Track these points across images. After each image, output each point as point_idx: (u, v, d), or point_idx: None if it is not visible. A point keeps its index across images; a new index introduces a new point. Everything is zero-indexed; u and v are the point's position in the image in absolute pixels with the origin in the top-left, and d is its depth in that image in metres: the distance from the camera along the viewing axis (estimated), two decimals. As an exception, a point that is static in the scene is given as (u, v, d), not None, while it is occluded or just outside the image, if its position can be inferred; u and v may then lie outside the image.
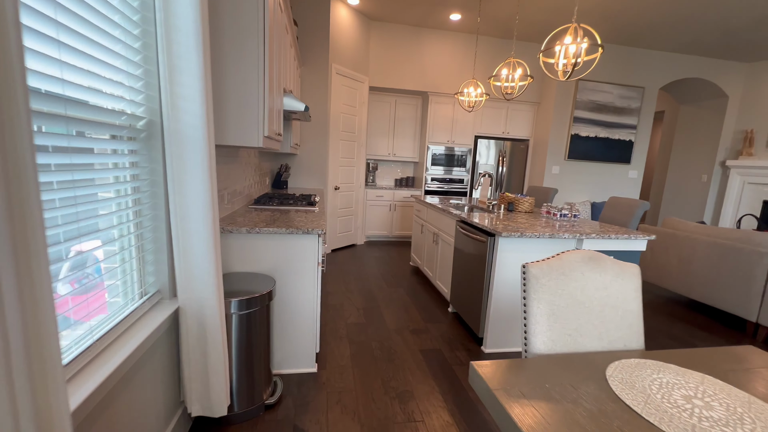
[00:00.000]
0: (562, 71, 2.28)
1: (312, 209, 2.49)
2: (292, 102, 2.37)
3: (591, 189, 5.36)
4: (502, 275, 2.20)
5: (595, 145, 5.17)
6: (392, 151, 5.38)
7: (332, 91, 4.18)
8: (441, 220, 3.11)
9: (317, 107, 4.13)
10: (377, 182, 5.66)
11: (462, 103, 3.84)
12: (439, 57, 4.97)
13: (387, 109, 5.26)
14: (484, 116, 5.24)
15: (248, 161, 2.75)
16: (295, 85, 3.37)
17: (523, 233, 2.07)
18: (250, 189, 2.82)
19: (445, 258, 3.01)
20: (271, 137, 1.89)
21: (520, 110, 5.32)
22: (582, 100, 5.01)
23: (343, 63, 4.28)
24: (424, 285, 3.50)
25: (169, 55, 1.16)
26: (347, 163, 4.61)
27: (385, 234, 5.25)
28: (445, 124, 5.14)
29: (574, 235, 2.14)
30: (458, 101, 4.07)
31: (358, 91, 4.61)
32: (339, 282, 3.45)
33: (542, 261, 1.04)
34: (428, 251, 3.46)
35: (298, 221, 1.98)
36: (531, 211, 3.09)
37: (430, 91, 4.99)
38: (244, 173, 2.61)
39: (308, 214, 2.28)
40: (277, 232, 1.77)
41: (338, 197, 4.52)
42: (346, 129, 4.50)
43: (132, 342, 1.12)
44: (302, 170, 4.24)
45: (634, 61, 5.08)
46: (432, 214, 3.35)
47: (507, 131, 5.34)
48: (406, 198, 5.21)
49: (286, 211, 2.33)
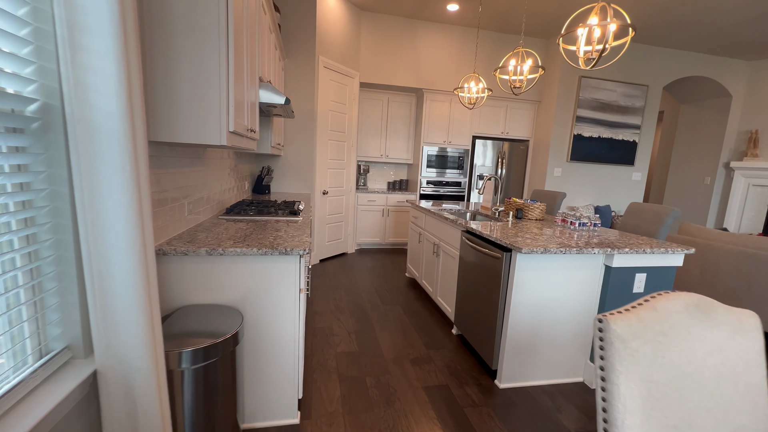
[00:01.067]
0: (584, 58, 1.96)
1: (295, 219, 2.11)
2: (269, 94, 2.00)
3: (594, 192, 5.10)
4: (521, 297, 1.86)
5: (599, 146, 4.92)
6: (385, 153, 5.03)
7: (319, 86, 3.81)
8: (443, 230, 2.76)
9: (303, 103, 3.75)
10: (369, 185, 5.30)
11: (462, 99, 3.52)
12: (435, 52, 4.65)
13: (379, 107, 4.91)
14: (483, 115, 4.93)
15: (221, 163, 2.36)
16: (276, 77, 2.99)
17: (546, 248, 1.74)
18: (223, 195, 2.43)
19: (447, 272, 2.66)
20: (240, 134, 1.52)
21: (520, 109, 5.04)
22: (585, 98, 4.75)
23: (331, 56, 3.92)
24: (423, 301, 3.14)
25: (67, 6, 0.78)
26: (336, 165, 4.24)
27: (378, 241, 4.89)
28: (442, 123, 4.82)
29: (603, 250, 1.81)
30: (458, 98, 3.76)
31: (348, 87, 4.25)
32: (328, 299, 3.07)
33: (627, 312, 0.70)
34: (427, 263, 3.11)
35: (276, 237, 1.61)
36: (542, 219, 2.77)
37: (425, 88, 4.66)
38: (215, 177, 2.22)
39: (290, 225, 1.91)
40: (247, 254, 1.39)
41: (327, 202, 4.14)
42: (335, 128, 4.13)
43: (24, 423, 0.74)
44: (287, 173, 3.85)
45: (637, 57, 4.84)
46: (432, 223, 3.01)
47: (506, 131, 5.05)
48: (400, 202, 4.86)
49: (263, 223, 1.95)
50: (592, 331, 2.00)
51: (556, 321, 1.93)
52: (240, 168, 3.03)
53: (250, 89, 1.75)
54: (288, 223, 1.98)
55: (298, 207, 2.41)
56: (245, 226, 1.85)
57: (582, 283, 1.92)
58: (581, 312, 1.96)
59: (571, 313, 1.95)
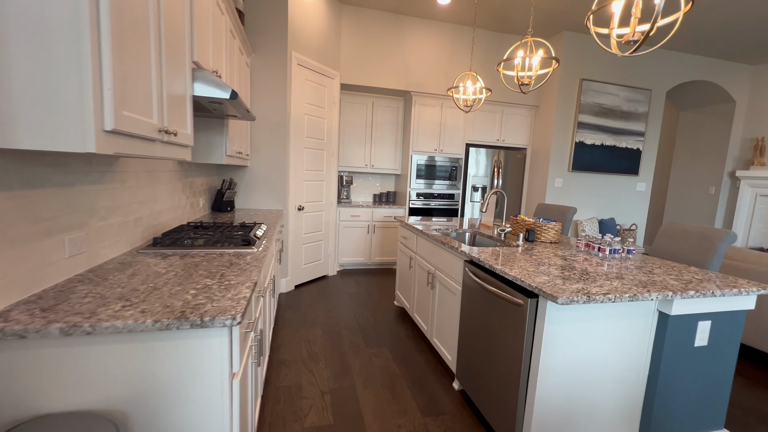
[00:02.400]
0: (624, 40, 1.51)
1: (247, 252, 1.58)
2: (206, 86, 1.48)
3: (597, 204, 4.71)
4: (554, 359, 1.36)
5: (601, 154, 4.54)
6: (370, 162, 4.54)
7: (293, 87, 3.30)
8: (439, 256, 2.26)
9: (273, 106, 3.24)
10: (352, 199, 4.78)
11: (456, 101, 3.06)
12: (425, 51, 4.21)
13: (363, 111, 4.43)
14: (477, 121, 4.51)
15: (154, 177, 1.81)
16: (236, 73, 2.47)
17: (590, 295, 1.25)
18: (159, 217, 1.87)
19: (446, 310, 2.16)
20: (140, 136, 0.99)
21: (517, 114, 4.63)
22: (586, 102, 4.38)
23: (306, 53, 3.43)
24: (416, 340, 2.62)
25: None
26: (314, 177, 3.72)
27: (363, 261, 4.36)
28: (432, 129, 4.36)
29: (663, 295, 1.34)
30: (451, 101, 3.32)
31: (327, 88, 3.76)
32: (299, 340, 2.51)
33: None
34: (420, 294, 2.60)
35: (203, 290, 1.08)
36: (558, 241, 2.30)
37: (413, 91, 4.21)
38: (143, 195, 1.67)
39: (234, 265, 1.37)
40: (135, 330, 0.85)
41: (303, 219, 3.61)
42: (312, 134, 3.62)
43: None
44: (255, 186, 3.31)
45: (638, 60, 4.52)
46: (425, 246, 2.51)
47: (502, 138, 4.63)
48: (387, 217, 4.35)
49: (199, 260, 1.41)
50: (640, 399, 1.52)
51: (597, 386, 1.44)
52: (194, 182, 2.48)
53: (172, 76, 1.23)
54: (235, 259, 1.45)
55: (254, 233, 1.87)
56: (167, 267, 1.31)
57: (629, 336, 1.44)
58: (628, 374, 1.47)
59: (615, 376, 1.46)
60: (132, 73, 0.94)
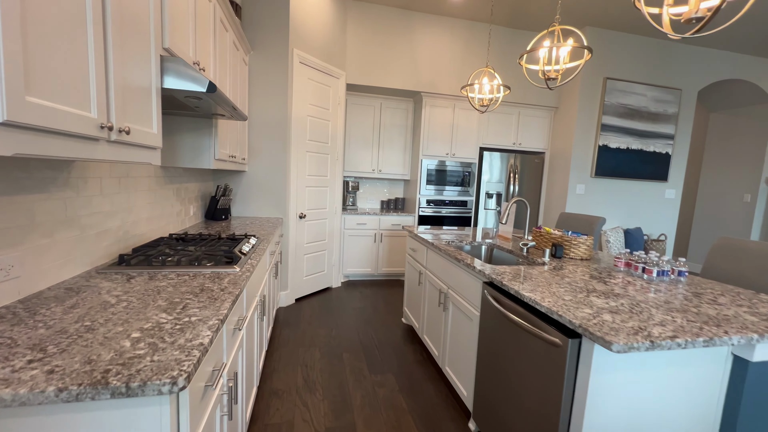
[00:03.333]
0: (683, 19, 1.23)
1: (228, 272, 1.34)
2: (177, 79, 1.25)
3: (623, 213, 4.36)
4: (601, 416, 1.07)
5: (627, 159, 4.20)
6: (377, 167, 4.29)
7: (294, 86, 3.08)
8: (453, 274, 1.99)
9: (273, 107, 3.02)
10: (358, 205, 4.54)
11: (471, 100, 2.80)
12: (436, 49, 3.97)
13: (370, 113, 4.19)
14: (491, 124, 4.23)
15: (129, 184, 1.59)
16: (231, 71, 2.26)
17: (653, 339, 0.97)
18: (137, 228, 1.65)
19: (461, 336, 1.88)
20: (65, 132, 0.75)
21: (534, 116, 4.34)
22: (611, 103, 4.06)
23: (309, 50, 3.21)
24: (425, 366, 2.34)
25: None
26: (318, 183, 3.48)
27: (369, 272, 4.10)
28: (444, 132, 4.10)
29: (747, 337, 1.04)
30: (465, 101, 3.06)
31: (332, 88, 3.54)
32: (295, 365, 2.26)
33: None
34: (431, 315, 2.32)
35: (150, 332, 0.83)
36: (589, 258, 2.01)
37: (424, 92, 3.96)
38: (106, 205, 1.45)
39: (208, 290, 1.12)
40: (28, 401, 0.61)
41: (305, 228, 3.37)
42: (315, 138, 3.39)
43: None
44: (253, 193, 3.09)
45: (668, 57, 4.19)
46: (436, 261, 2.23)
47: (519, 142, 4.34)
48: (395, 225, 4.09)
49: (167, 284, 1.17)
50: (708, 462, 1.21)
51: (654, 449, 1.14)
52: (183, 188, 2.27)
53: (127, 61, 1.00)
54: (209, 282, 1.20)
55: (240, 249, 1.63)
56: (121, 294, 1.07)
57: (694, 386, 1.14)
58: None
59: (677, 436, 1.16)
60: (49, 48, 0.71)
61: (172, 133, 1.94)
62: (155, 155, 1.21)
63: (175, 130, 1.93)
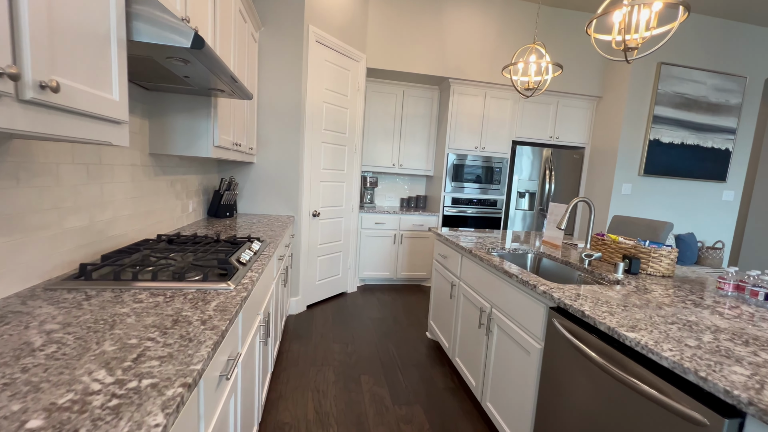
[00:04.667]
0: None
1: (218, 289, 1.00)
2: (150, 27, 0.91)
3: (673, 216, 3.88)
4: None
5: (682, 156, 3.72)
6: (398, 161, 3.92)
7: (309, 68, 2.74)
8: (501, 290, 1.61)
9: (285, 90, 2.69)
10: (377, 203, 4.19)
11: (514, 83, 2.39)
12: (467, 30, 3.56)
13: (392, 102, 3.82)
14: (526, 114, 3.80)
15: (103, 173, 1.28)
16: (234, 40, 1.92)
17: None
18: (115, 228, 1.34)
19: (510, 369, 1.50)
20: None
21: (574, 107, 3.89)
22: (665, 91, 3.58)
23: (327, 28, 2.86)
24: (457, 393, 1.97)
25: None
26: (333, 177, 3.14)
27: (387, 276, 3.75)
28: (473, 123, 3.70)
29: None
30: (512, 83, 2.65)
31: (351, 73, 3.18)
32: (304, 391, 1.92)
33: None
34: (466, 335, 1.95)
35: (58, 414, 0.49)
36: (671, 275, 1.60)
37: (452, 78, 3.56)
38: (67, 199, 1.13)
39: (183, 322, 0.79)
40: None
41: (318, 227, 3.04)
42: (332, 127, 3.04)
43: None
44: (262, 187, 2.76)
45: (731, 40, 3.67)
46: (476, 272, 1.86)
47: (556, 135, 3.90)
48: (416, 225, 3.72)
49: (124, 311, 0.84)
50: None
51: None
52: (179, 181, 1.95)
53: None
54: (189, 307, 0.87)
55: (238, 257, 1.29)
56: (57, 328, 0.74)
57: None
58: None
59: None
60: None
61: (162, 113, 1.61)
62: (118, 133, 0.88)
63: (166, 110, 1.61)
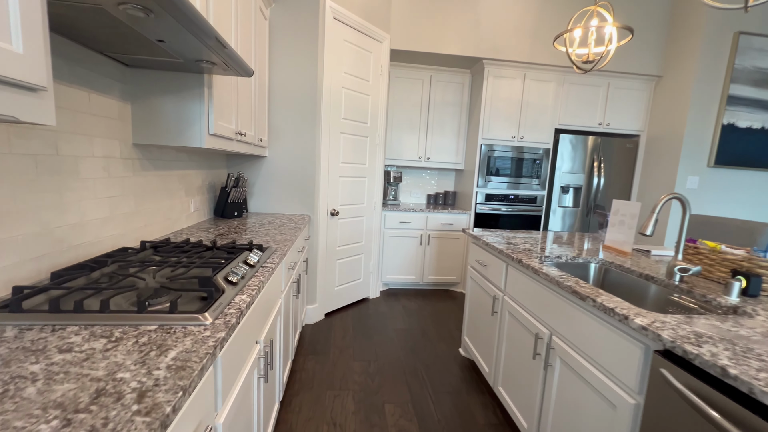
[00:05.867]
0: None
1: (192, 327, 0.69)
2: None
3: (749, 215, 3.32)
4: None
5: (762, 142, 3.15)
6: (424, 154, 3.57)
7: (326, 48, 2.43)
8: (566, 314, 1.24)
9: (299, 74, 2.39)
10: (401, 200, 3.85)
11: (570, 56, 1.98)
12: (503, 2, 3.13)
13: (417, 89, 3.46)
14: (571, 98, 3.34)
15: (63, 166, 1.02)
16: (237, 15, 1.63)
17: None
18: (83, 235, 1.08)
19: (578, 416, 1.14)
20: None
21: (628, 88, 3.39)
22: (743, 67, 3.03)
23: (346, 3, 2.53)
24: (501, 430, 1.62)
25: None
26: (354, 172, 2.83)
27: (413, 280, 3.42)
28: (510, 110, 3.28)
29: None
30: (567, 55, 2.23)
31: (374, 55, 2.85)
32: (318, 422, 1.63)
33: None
34: (515, 363, 1.58)
35: None
36: (806, 298, 1.18)
37: (486, 59, 3.16)
38: (8, 198, 0.87)
39: (109, 396, 0.49)
40: None
41: (338, 227, 2.74)
42: (352, 115, 2.73)
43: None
44: (274, 184, 2.49)
45: (828, 3, 3.05)
46: (526, 285, 1.49)
47: (606, 122, 3.41)
48: (445, 225, 3.36)
49: (44, 364, 0.56)
50: None
51: None
52: (183, 176, 1.70)
53: None
54: (134, 365, 0.57)
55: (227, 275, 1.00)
56: None
57: None
58: None
59: None
60: None
61: (146, 95, 1.34)
62: (31, 104, 0.59)
63: (150, 91, 1.34)
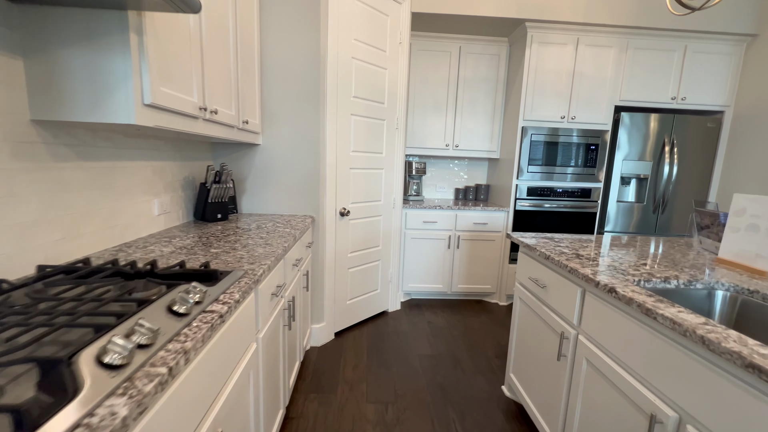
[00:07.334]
0: None
1: None
2: None
3: None
4: None
5: None
6: (452, 141, 3.03)
7: (331, 9, 1.94)
8: (705, 384, 0.71)
9: (298, 42, 1.92)
10: (425, 195, 3.34)
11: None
12: (552, -51, 2.53)
13: (444, 63, 2.92)
14: (636, 68, 2.71)
15: None
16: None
17: None
18: None
19: None
20: None
21: (709, 53, 2.71)
22: None
23: (355, -49, 2.03)
24: None
25: None
26: (368, 163, 2.35)
27: (440, 289, 2.91)
28: (559, 84, 2.69)
29: None
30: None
31: (391, 19, 2.34)
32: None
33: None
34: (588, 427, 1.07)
35: None
36: None
37: (529, 20, 2.57)
38: None
39: None
40: None
41: (349, 230, 2.27)
42: (365, 94, 2.24)
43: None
44: (270, 178, 2.05)
45: None
46: (617, 323, 0.96)
47: (681, 96, 2.76)
48: (477, 224, 2.83)
49: None
50: None
51: None
52: (145, 168, 1.27)
53: None
54: None
55: (97, 361, 0.53)
56: None
57: None
58: None
59: None
60: None
61: (44, 45, 0.90)
62: None
63: (48, 41, 0.90)
